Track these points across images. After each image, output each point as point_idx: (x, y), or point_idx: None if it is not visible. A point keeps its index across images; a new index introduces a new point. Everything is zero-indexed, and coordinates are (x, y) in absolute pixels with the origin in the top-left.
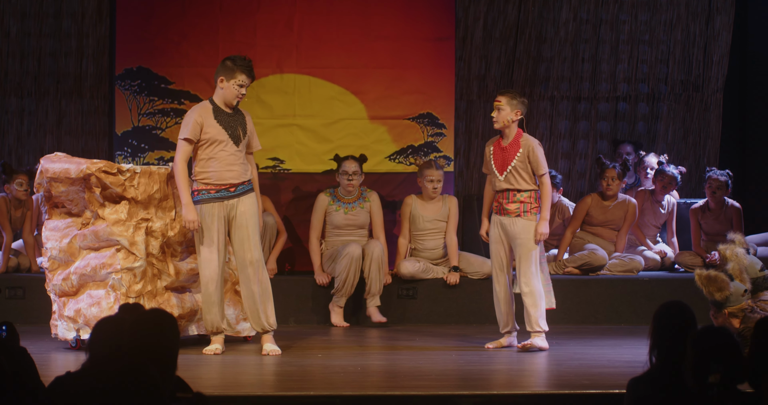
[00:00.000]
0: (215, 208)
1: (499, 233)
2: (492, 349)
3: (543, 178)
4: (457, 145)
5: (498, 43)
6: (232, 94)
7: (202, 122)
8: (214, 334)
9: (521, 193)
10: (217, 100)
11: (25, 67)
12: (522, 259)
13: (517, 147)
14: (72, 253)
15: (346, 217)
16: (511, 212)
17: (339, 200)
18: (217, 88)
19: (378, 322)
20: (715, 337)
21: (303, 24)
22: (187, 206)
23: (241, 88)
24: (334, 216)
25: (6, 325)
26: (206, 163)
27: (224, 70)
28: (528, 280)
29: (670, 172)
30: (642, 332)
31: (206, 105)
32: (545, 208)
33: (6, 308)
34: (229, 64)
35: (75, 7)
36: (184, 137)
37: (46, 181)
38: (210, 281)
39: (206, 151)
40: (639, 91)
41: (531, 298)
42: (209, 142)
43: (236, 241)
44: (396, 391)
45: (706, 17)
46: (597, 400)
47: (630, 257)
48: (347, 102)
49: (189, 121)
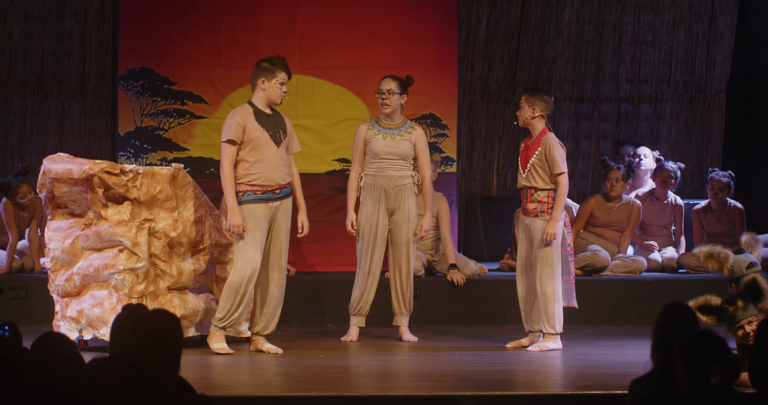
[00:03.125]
0: (260, 209)
1: (524, 232)
2: (510, 349)
3: (559, 177)
4: (459, 146)
5: (501, 44)
6: (276, 94)
7: (244, 124)
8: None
9: (539, 193)
10: (258, 102)
11: (28, 68)
12: (537, 260)
13: (538, 145)
14: (75, 253)
15: (386, 143)
16: (530, 212)
17: (379, 125)
18: (258, 90)
19: (409, 341)
20: (704, 340)
21: (306, 25)
22: (234, 210)
23: (282, 86)
24: (373, 143)
25: (8, 325)
26: (253, 165)
27: (263, 71)
28: (542, 282)
29: (669, 167)
30: (644, 333)
31: (246, 108)
32: (557, 209)
33: (9, 309)
34: (266, 65)
35: (78, 7)
36: (228, 139)
37: (49, 181)
38: (250, 280)
39: (251, 153)
40: (642, 92)
41: (543, 299)
42: (253, 144)
43: (271, 242)
44: (398, 392)
45: (709, 18)
46: (599, 400)
47: (632, 258)
48: (350, 103)
49: (230, 124)
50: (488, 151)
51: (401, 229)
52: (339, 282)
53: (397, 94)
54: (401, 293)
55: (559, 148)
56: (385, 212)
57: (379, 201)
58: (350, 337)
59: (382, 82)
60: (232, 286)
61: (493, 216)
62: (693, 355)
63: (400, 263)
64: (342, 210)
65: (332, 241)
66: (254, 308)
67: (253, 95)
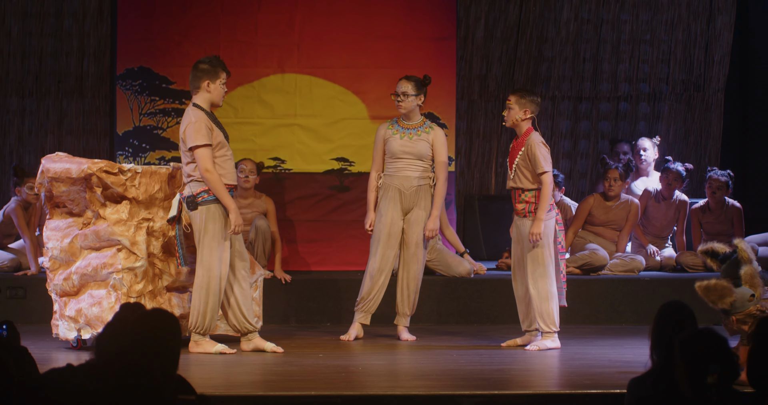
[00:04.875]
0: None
1: (517, 232)
2: (505, 348)
3: (543, 177)
4: (458, 145)
5: (499, 42)
6: (220, 94)
7: (211, 127)
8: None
9: (525, 193)
10: (203, 104)
11: (27, 67)
12: (528, 260)
13: (522, 145)
14: (73, 252)
15: (402, 143)
16: (519, 212)
17: (398, 125)
18: (202, 92)
19: (407, 340)
20: (703, 339)
21: (304, 24)
22: (236, 211)
23: (224, 85)
24: (390, 143)
25: (6, 324)
26: (220, 166)
27: (205, 73)
28: (534, 282)
29: (675, 168)
30: (643, 332)
31: (199, 111)
32: (541, 208)
33: (7, 308)
34: (207, 67)
35: (76, 6)
36: (205, 143)
37: (48, 180)
38: (222, 279)
39: (218, 154)
40: (640, 91)
41: (537, 298)
42: (219, 146)
43: (235, 239)
44: (397, 391)
45: (708, 17)
46: (598, 400)
47: (631, 257)
48: (348, 102)
49: (200, 127)
50: (486, 150)
51: (414, 229)
52: (337, 281)
53: (412, 96)
54: (407, 293)
55: (541, 146)
56: (400, 212)
57: (395, 201)
58: (349, 336)
59: (398, 84)
60: (208, 288)
61: (491, 215)
62: (693, 354)
63: (409, 263)
64: (340, 209)
65: (330, 240)
66: (230, 307)
67: (196, 97)
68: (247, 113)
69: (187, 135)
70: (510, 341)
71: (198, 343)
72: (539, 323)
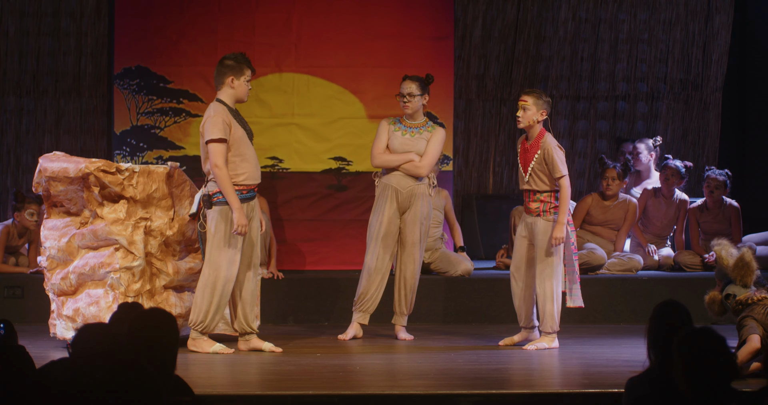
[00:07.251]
0: (244, 208)
1: (528, 231)
2: (502, 346)
3: (561, 181)
4: (456, 144)
5: (497, 42)
6: (244, 91)
7: (229, 122)
8: (206, 333)
9: (540, 194)
10: (227, 100)
11: (24, 66)
12: (538, 260)
13: (537, 148)
14: (71, 252)
15: (403, 140)
16: (532, 211)
17: (401, 123)
18: (226, 88)
19: (404, 339)
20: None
21: (302, 23)
22: (240, 210)
23: (248, 82)
24: (392, 139)
25: (4, 324)
26: (240, 165)
27: (230, 69)
28: (542, 281)
29: (673, 165)
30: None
31: (220, 106)
32: (562, 212)
33: (4, 307)
34: (232, 63)
35: (73, 6)
36: (219, 137)
37: (45, 180)
38: (229, 281)
39: (237, 152)
40: (638, 90)
41: (543, 298)
42: (237, 143)
43: (247, 241)
44: (395, 391)
45: (705, 16)
46: (596, 399)
47: (629, 256)
48: (346, 101)
49: (217, 122)
50: (484, 149)
51: (410, 228)
52: (335, 280)
53: (417, 96)
54: (404, 293)
55: (558, 150)
56: (396, 211)
57: (391, 200)
58: (347, 336)
59: (402, 85)
60: (214, 288)
61: (489, 214)
62: (692, 353)
63: (406, 263)
64: (338, 208)
65: (328, 239)
66: (236, 308)
67: (221, 93)
68: (244, 112)
69: (205, 129)
70: (507, 339)
71: (196, 340)
72: (541, 323)
